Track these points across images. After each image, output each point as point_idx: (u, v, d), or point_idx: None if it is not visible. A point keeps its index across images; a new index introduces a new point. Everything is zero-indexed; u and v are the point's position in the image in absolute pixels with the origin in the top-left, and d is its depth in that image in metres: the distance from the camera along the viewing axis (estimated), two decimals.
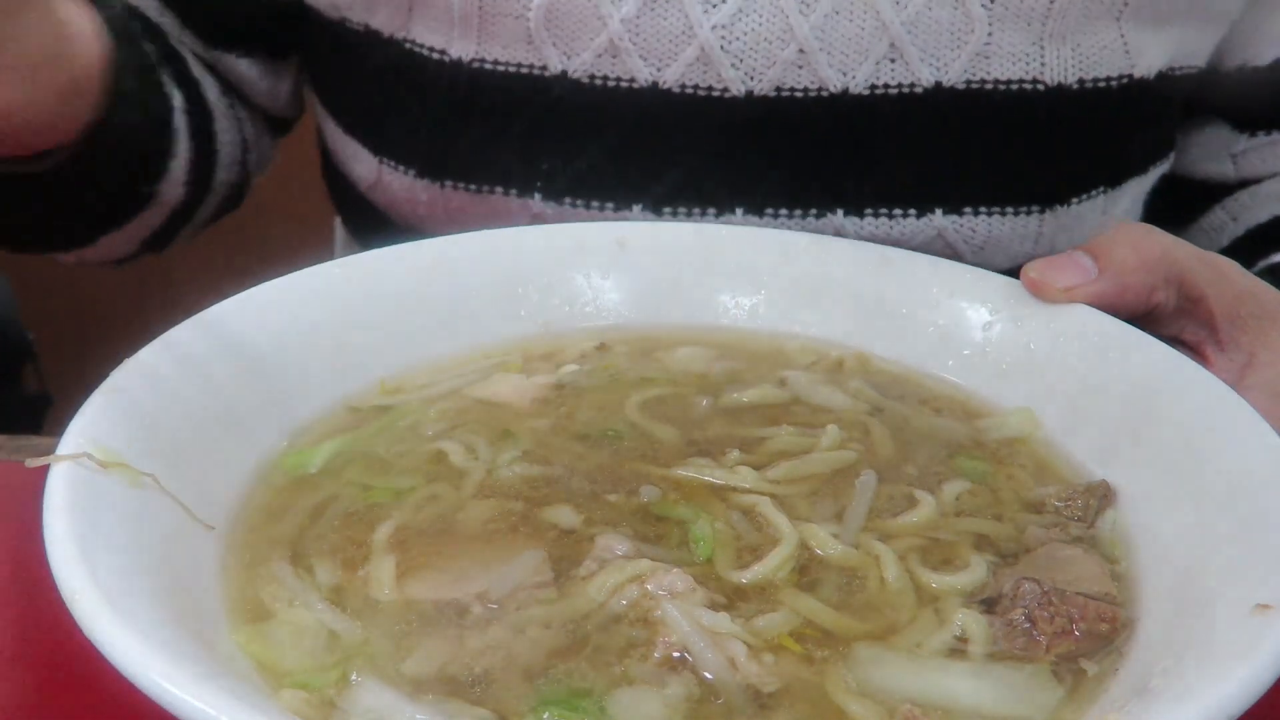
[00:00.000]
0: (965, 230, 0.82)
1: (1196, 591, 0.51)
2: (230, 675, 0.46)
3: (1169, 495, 0.57)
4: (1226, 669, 0.43)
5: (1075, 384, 0.66)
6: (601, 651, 0.50)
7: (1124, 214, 0.91)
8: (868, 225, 0.82)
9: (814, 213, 0.81)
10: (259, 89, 0.95)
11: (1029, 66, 0.79)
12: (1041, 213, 0.84)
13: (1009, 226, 0.83)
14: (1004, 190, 0.82)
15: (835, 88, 0.78)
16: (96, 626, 0.43)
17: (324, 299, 0.68)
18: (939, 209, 0.82)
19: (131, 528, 0.50)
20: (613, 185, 0.82)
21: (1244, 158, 0.96)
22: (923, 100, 0.79)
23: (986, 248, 0.84)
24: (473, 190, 0.84)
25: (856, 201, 0.81)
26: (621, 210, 0.82)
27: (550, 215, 0.83)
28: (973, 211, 0.82)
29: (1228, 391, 0.59)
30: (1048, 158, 0.83)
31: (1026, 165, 0.82)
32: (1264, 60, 0.90)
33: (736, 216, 0.82)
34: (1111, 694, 0.48)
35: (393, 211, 0.91)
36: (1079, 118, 0.82)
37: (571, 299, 0.74)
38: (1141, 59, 0.82)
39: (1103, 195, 0.87)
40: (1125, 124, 0.85)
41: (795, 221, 0.82)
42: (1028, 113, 0.80)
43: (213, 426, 0.59)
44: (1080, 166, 0.85)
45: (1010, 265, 0.84)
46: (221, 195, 0.95)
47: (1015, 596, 0.52)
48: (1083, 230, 0.87)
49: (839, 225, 0.82)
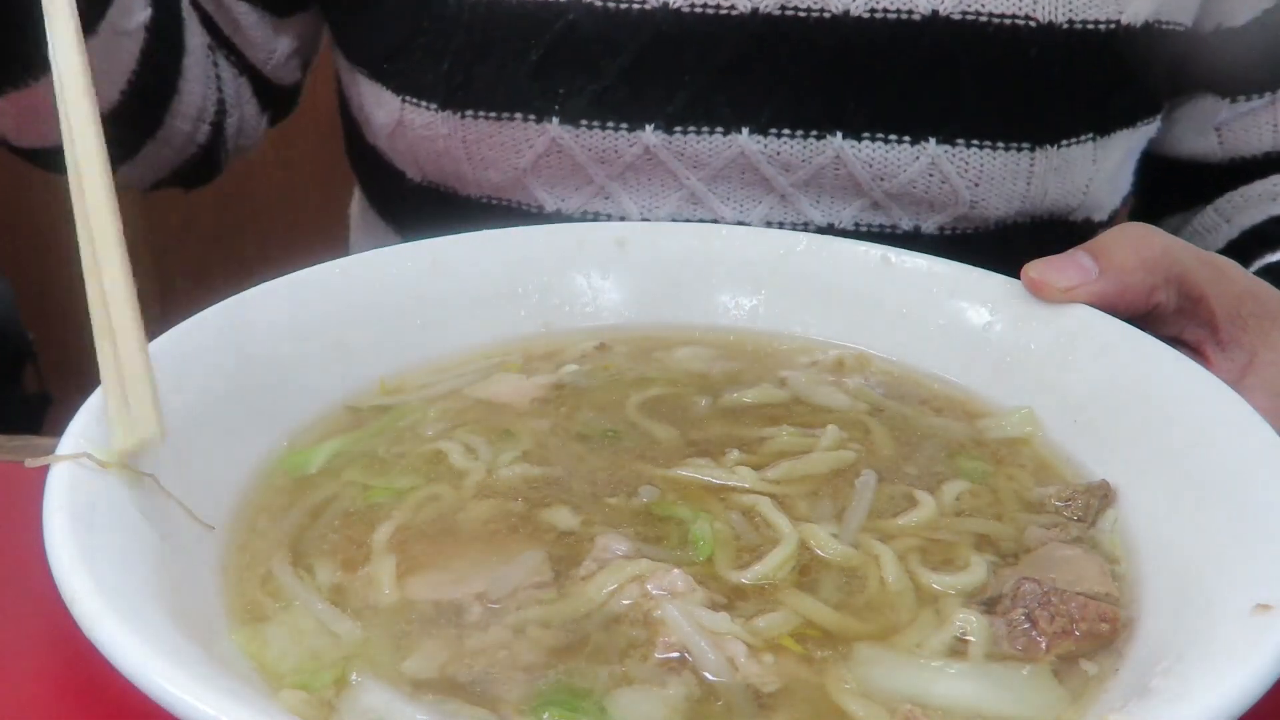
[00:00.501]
0: (959, 162, 0.86)
1: (1196, 591, 0.51)
2: (230, 675, 0.45)
3: (1169, 495, 0.57)
4: (1226, 669, 0.43)
5: (1075, 384, 0.66)
6: (601, 651, 0.50)
7: (1115, 169, 0.94)
8: (864, 148, 0.86)
9: (815, 134, 0.86)
10: (254, 38, 0.97)
11: (1022, 3, 0.83)
12: (1032, 150, 0.87)
13: (1001, 162, 0.87)
14: (996, 124, 0.86)
15: (836, 9, 0.83)
16: (97, 627, 0.43)
17: (324, 299, 0.68)
18: (933, 138, 0.86)
19: (131, 528, 0.50)
20: (627, 106, 0.86)
21: (1227, 130, 0.98)
22: (920, 28, 0.83)
23: (981, 184, 0.87)
24: (492, 118, 0.87)
25: (854, 124, 0.86)
26: (635, 130, 0.86)
27: (567, 138, 0.87)
28: (965, 143, 0.86)
29: (1228, 391, 0.59)
30: (1037, 96, 0.86)
31: (1017, 101, 0.86)
32: (1239, 21, 0.93)
33: (743, 136, 0.86)
34: (1111, 694, 0.48)
35: (412, 159, 0.93)
36: (1067, 59, 0.85)
37: (571, 299, 0.74)
38: (1129, 5, 0.86)
39: (1091, 142, 0.90)
40: (1112, 71, 0.88)
41: (797, 142, 0.86)
42: (1019, 48, 0.84)
43: (213, 426, 0.59)
44: (1068, 108, 0.88)
45: (1005, 208, 0.88)
46: (185, 149, 0.94)
47: (1015, 596, 0.52)
48: (1074, 176, 0.90)
49: (838, 147, 0.86)
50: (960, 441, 0.65)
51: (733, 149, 0.86)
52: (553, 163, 0.88)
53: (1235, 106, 0.96)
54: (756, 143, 0.86)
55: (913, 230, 0.90)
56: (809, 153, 0.86)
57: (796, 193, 0.88)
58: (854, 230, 0.89)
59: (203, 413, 0.59)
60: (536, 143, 0.87)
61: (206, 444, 0.58)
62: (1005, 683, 0.49)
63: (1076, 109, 0.88)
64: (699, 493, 0.59)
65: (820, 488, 0.60)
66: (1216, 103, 0.97)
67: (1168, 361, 0.63)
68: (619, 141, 0.87)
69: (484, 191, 0.92)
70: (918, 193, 0.88)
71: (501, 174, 0.90)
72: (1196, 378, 0.61)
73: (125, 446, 0.51)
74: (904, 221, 0.90)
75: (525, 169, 0.89)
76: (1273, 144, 0.96)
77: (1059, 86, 0.86)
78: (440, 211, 0.94)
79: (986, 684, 0.49)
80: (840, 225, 0.89)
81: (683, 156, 0.87)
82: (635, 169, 0.88)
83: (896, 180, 0.87)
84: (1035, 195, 0.89)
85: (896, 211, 0.89)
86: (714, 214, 0.89)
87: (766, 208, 0.89)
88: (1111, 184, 0.95)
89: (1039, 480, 0.62)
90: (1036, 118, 0.87)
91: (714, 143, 0.86)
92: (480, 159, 0.89)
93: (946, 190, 0.87)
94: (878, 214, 0.89)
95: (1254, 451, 0.55)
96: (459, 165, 0.90)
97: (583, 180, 0.89)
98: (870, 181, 0.87)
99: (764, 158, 0.86)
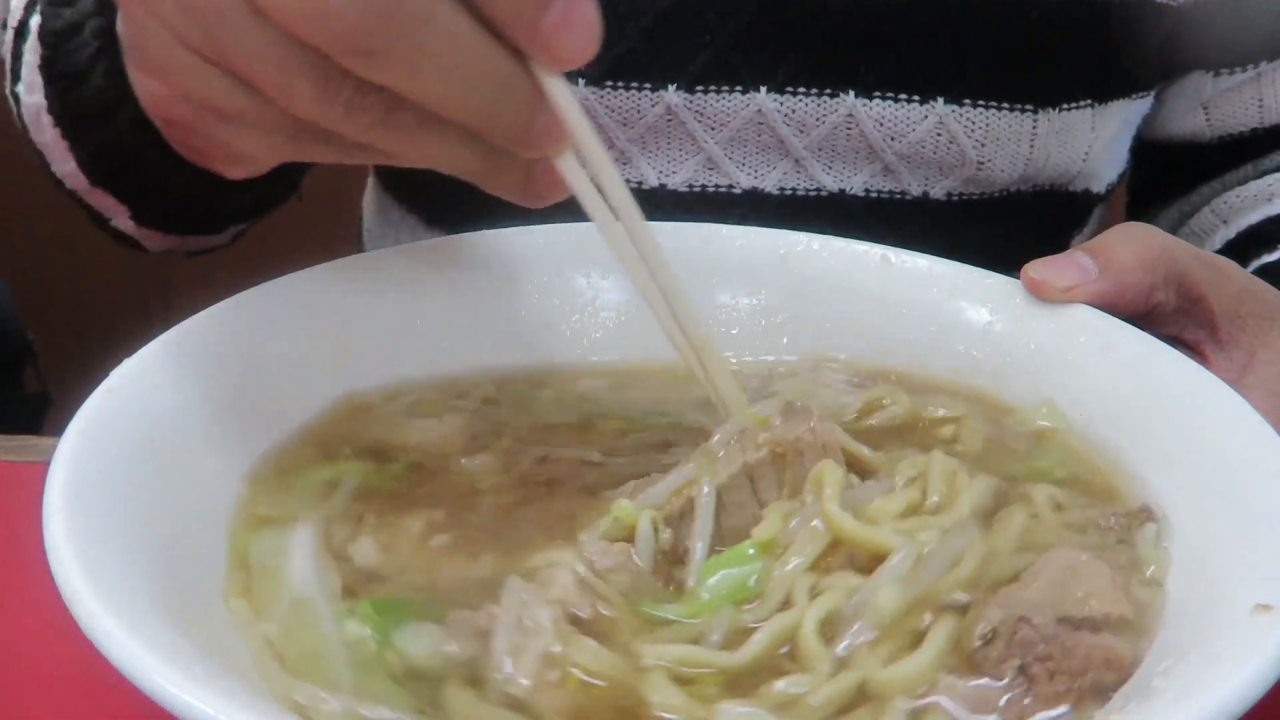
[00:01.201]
0: (965, 121, 0.89)
1: (1197, 591, 0.51)
2: (230, 675, 0.45)
3: (1168, 495, 0.57)
4: (1226, 669, 0.43)
5: (1075, 384, 0.66)
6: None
7: (1111, 139, 0.97)
8: (875, 107, 0.89)
9: (829, 92, 0.89)
10: None
11: None
12: (1035, 112, 0.90)
13: (1005, 122, 0.90)
14: (1000, 85, 0.90)
15: None
16: (96, 627, 0.43)
17: (324, 299, 0.68)
18: (940, 97, 0.89)
19: (131, 529, 0.50)
20: (650, 67, 0.88)
21: (1214, 106, 1.00)
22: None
23: (987, 144, 0.90)
24: None
25: (866, 84, 0.89)
26: (659, 90, 0.88)
27: (591, 99, 0.88)
28: (971, 103, 0.89)
29: (1228, 391, 0.59)
30: (1038, 59, 0.90)
31: (1019, 64, 0.90)
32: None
33: (760, 95, 0.88)
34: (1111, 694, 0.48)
35: None
36: (1065, 26, 0.89)
37: (571, 299, 0.74)
38: None
39: (1090, 109, 0.93)
40: (1108, 41, 0.92)
41: (812, 100, 0.89)
42: (1019, 11, 0.88)
43: (213, 426, 0.59)
44: (1068, 74, 0.92)
45: (1010, 171, 0.92)
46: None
47: (1010, 642, 0.46)
48: (1074, 141, 0.93)
49: (850, 105, 0.89)
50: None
51: (751, 108, 0.89)
52: None
53: (1219, 81, 0.99)
54: (774, 101, 0.89)
55: (921, 196, 0.93)
56: (823, 111, 0.89)
57: (810, 156, 0.91)
58: (864, 196, 0.92)
59: (203, 412, 0.59)
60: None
61: (207, 444, 0.58)
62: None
63: (1076, 75, 0.92)
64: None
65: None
66: (1203, 78, 0.99)
67: (1167, 361, 0.63)
68: (642, 101, 0.89)
69: None
70: (926, 154, 0.90)
71: None
72: (1196, 377, 0.61)
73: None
74: (913, 187, 0.92)
75: None
76: (1260, 120, 0.99)
77: (1057, 51, 0.90)
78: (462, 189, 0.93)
79: None
80: (851, 191, 0.92)
81: (703, 117, 0.89)
82: (656, 130, 0.90)
83: (906, 140, 0.90)
84: (1038, 158, 0.92)
85: (906, 177, 0.92)
86: (730, 180, 0.92)
87: (780, 173, 0.91)
88: (1108, 154, 0.98)
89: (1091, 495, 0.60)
90: (1038, 80, 0.90)
91: (733, 102, 0.89)
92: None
93: (954, 151, 0.90)
94: (888, 179, 0.92)
95: (1254, 451, 0.55)
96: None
97: (604, 143, 0.89)
98: (881, 142, 0.90)
99: (780, 116, 0.89)
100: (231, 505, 0.57)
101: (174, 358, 0.59)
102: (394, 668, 0.49)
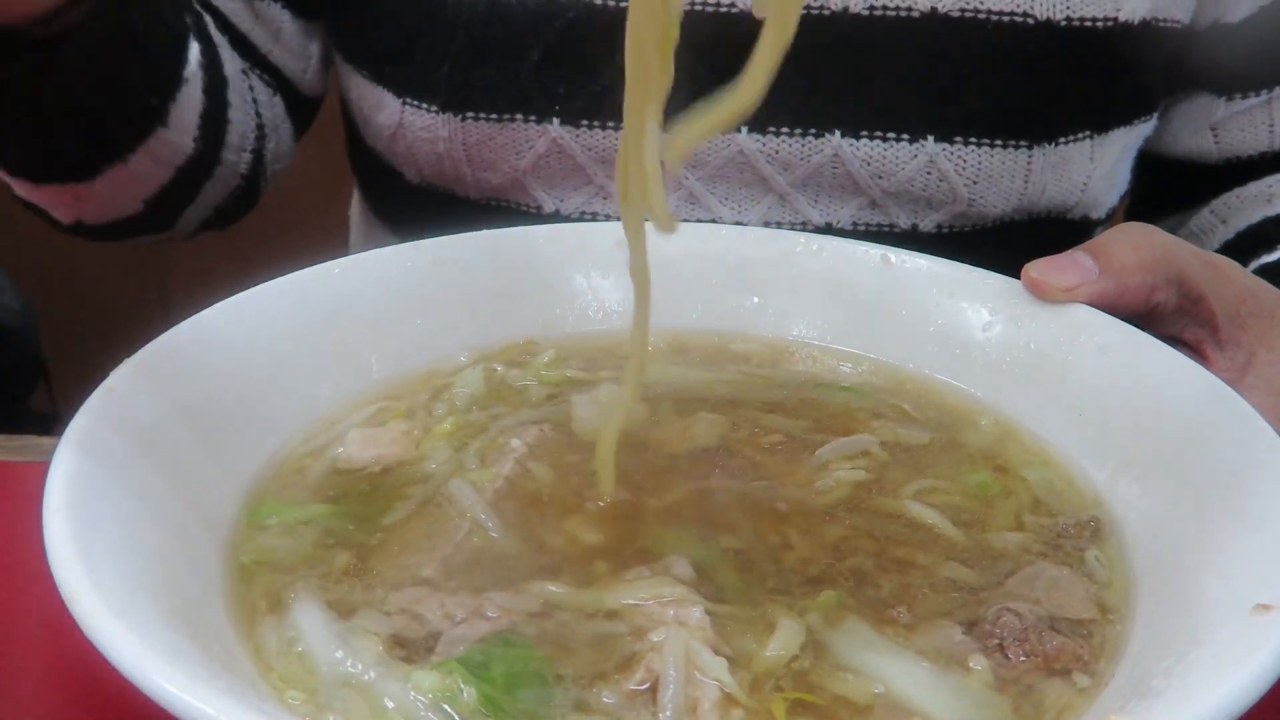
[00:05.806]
0: (957, 160, 0.86)
1: (1197, 592, 0.51)
2: (230, 675, 0.45)
3: (1169, 495, 0.57)
4: (1226, 669, 0.43)
5: (1075, 384, 0.66)
6: (579, 653, 0.49)
7: (1112, 167, 0.94)
8: (863, 147, 0.86)
9: (813, 132, 0.86)
10: (292, 46, 0.96)
11: (1020, 0, 0.84)
12: (1030, 149, 0.87)
13: (999, 160, 0.87)
14: (993, 122, 0.86)
15: (835, 6, 0.84)
16: (96, 627, 0.43)
17: (323, 299, 0.68)
18: (931, 135, 0.86)
19: (131, 528, 0.50)
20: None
21: (1223, 129, 0.97)
22: (918, 25, 0.84)
23: (979, 182, 0.87)
24: (493, 120, 0.88)
25: (854, 123, 0.86)
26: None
27: (567, 138, 0.87)
28: (963, 141, 0.86)
29: (1228, 391, 0.59)
30: (1035, 93, 0.87)
31: (1015, 99, 0.87)
32: (1235, 17, 0.93)
33: (741, 135, 0.86)
34: (1111, 694, 0.48)
35: (411, 161, 0.93)
36: (1065, 56, 0.86)
37: (571, 299, 0.74)
38: (1127, 2, 0.86)
39: (1089, 140, 0.90)
40: (1109, 68, 0.89)
41: (795, 140, 0.86)
42: (1017, 46, 0.85)
43: (212, 426, 0.59)
44: (1066, 106, 0.88)
45: (1003, 206, 0.88)
46: (230, 182, 0.94)
47: (995, 625, 0.53)
48: (1071, 174, 0.90)
49: (836, 145, 0.86)
50: (969, 454, 0.64)
51: (731, 148, 0.86)
52: (553, 163, 0.88)
53: (1231, 105, 0.96)
54: (755, 141, 0.86)
55: (910, 229, 0.90)
56: (807, 151, 0.86)
57: (794, 192, 0.88)
58: (852, 230, 0.89)
59: (202, 413, 0.59)
60: (537, 143, 0.87)
61: (206, 444, 0.58)
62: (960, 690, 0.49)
63: (1074, 107, 0.89)
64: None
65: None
66: (1213, 101, 0.97)
67: (1167, 361, 0.63)
68: (619, 140, 0.86)
69: (483, 193, 0.92)
70: (915, 191, 0.88)
71: (501, 175, 0.89)
72: (1196, 377, 0.61)
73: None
74: (902, 220, 0.89)
75: (525, 169, 0.89)
76: (1269, 144, 0.96)
77: (1057, 84, 0.87)
78: (439, 213, 0.94)
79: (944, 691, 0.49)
80: (838, 225, 0.89)
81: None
82: None
83: (894, 179, 0.87)
84: (1033, 193, 0.89)
85: (894, 210, 0.89)
86: (712, 214, 0.89)
87: (765, 207, 0.89)
88: (1109, 181, 0.95)
89: (1042, 488, 0.62)
90: (1034, 115, 0.87)
91: (712, 141, 0.86)
92: (480, 160, 0.89)
93: (944, 188, 0.87)
94: (875, 213, 0.89)
95: (1254, 451, 0.55)
96: (459, 167, 0.90)
97: (582, 180, 0.89)
98: (868, 180, 0.87)
99: (762, 156, 0.86)
100: (230, 505, 0.57)
101: (173, 358, 0.59)
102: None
